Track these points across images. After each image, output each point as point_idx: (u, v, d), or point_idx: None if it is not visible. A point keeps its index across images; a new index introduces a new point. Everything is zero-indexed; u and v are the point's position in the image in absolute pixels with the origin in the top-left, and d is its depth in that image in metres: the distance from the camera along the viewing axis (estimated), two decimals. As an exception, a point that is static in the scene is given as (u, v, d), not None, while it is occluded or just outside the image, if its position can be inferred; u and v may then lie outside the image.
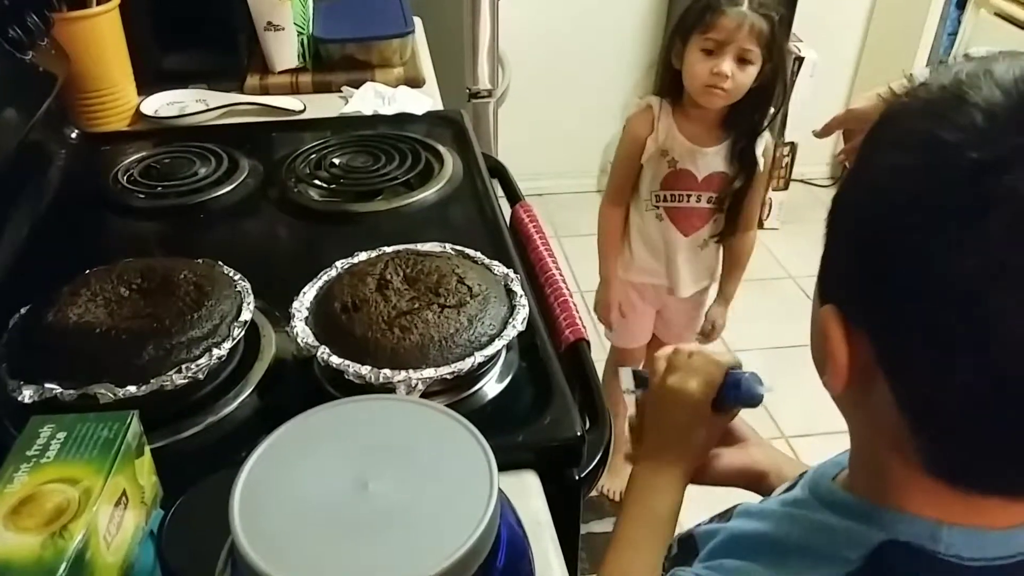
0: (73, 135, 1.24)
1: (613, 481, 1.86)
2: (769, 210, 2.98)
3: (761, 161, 1.48)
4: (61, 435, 0.53)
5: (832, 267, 0.47)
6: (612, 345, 1.83)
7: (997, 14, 2.44)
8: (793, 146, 2.87)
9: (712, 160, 1.46)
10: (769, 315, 2.53)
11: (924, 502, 0.44)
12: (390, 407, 0.41)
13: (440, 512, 0.36)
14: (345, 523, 0.36)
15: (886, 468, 0.45)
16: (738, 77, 1.35)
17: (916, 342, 0.40)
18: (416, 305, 0.78)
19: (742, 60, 1.34)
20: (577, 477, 0.75)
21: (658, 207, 1.52)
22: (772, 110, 1.43)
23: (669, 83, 1.45)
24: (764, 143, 1.47)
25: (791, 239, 2.94)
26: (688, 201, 1.50)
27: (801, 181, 3.16)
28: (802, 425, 2.14)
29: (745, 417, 0.83)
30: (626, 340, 1.74)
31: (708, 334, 1.73)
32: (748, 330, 2.35)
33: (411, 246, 0.89)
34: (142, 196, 1.12)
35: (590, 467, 0.75)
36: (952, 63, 0.41)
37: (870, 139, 0.44)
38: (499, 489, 0.37)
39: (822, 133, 1.19)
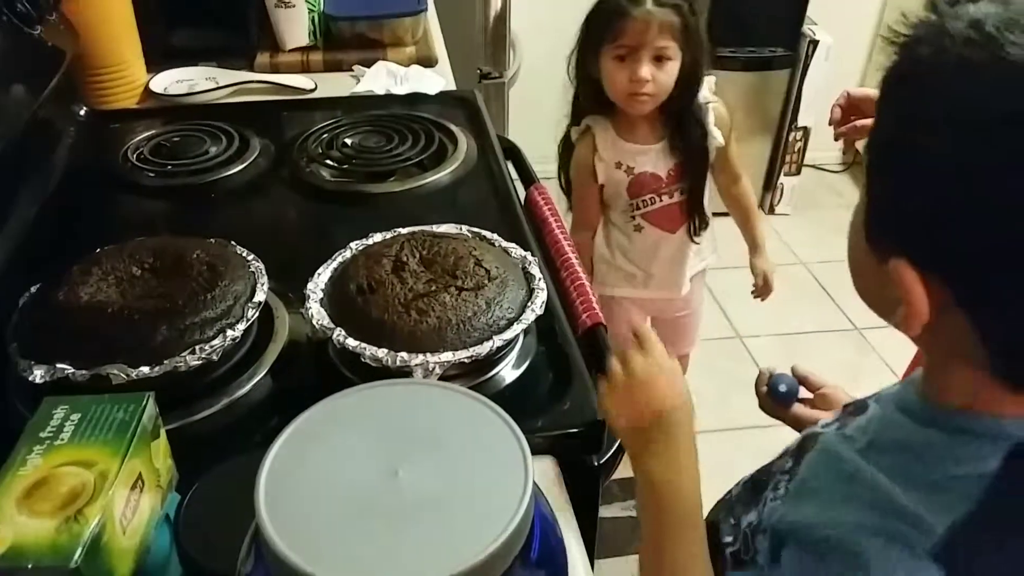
0: (81, 112, 1.22)
1: None
2: (781, 195, 2.95)
3: (716, 132, 1.43)
4: (75, 417, 0.52)
5: (894, 216, 0.48)
6: None
7: None
8: (806, 131, 2.83)
9: (667, 154, 1.42)
10: (779, 300, 2.50)
11: (1014, 408, 0.47)
12: (419, 392, 0.40)
13: (473, 502, 0.35)
14: (375, 512, 0.35)
15: (968, 380, 0.48)
16: (659, 78, 1.29)
17: (1011, 281, 0.42)
18: (433, 287, 0.77)
19: (659, 59, 1.29)
20: (596, 463, 0.73)
21: (634, 217, 1.48)
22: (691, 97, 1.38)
23: (595, 96, 1.39)
24: (713, 113, 1.42)
25: (803, 225, 2.92)
26: (661, 200, 1.45)
27: (813, 167, 3.13)
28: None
29: (753, 400, 0.90)
30: None
31: (762, 288, 1.67)
32: (758, 315, 2.32)
33: (427, 228, 0.87)
34: (152, 175, 1.10)
35: (609, 453, 0.74)
36: (948, 8, 0.45)
37: (913, 101, 0.46)
38: (533, 480, 0.35)
39: (838, 133, 1.15)
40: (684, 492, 0.64)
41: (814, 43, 2.60)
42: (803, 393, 0.86)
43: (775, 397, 0.85)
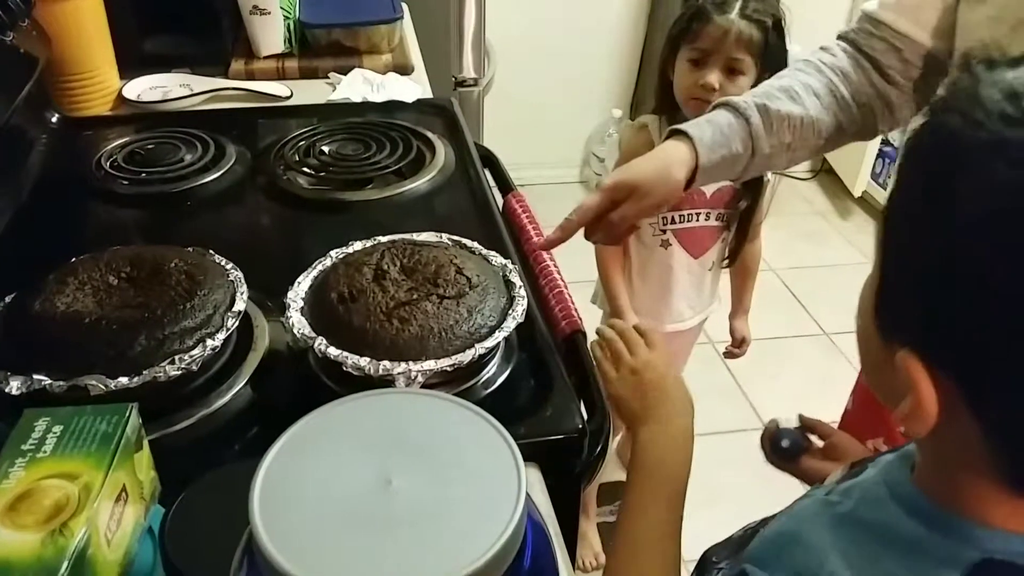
0: (54, 119, 1.20)
1: (584, 549, 1.79)
2: (762, 218, 2.99)
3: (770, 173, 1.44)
4: (57, 428, 0.52)
5: (905, 309, 0.44)
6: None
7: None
8: (775, 139, 2.88)
9: None
10: (751, 307, 2.54)
11: (1009, 516, 0.43)
12: (412, 401, 0.40)
13: (467, 510, 0.35)
14: (369, 521, 0.35)
15: (965, 483, 0.44)
16: (727, 89, 1.27)
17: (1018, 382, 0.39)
18: (415, 296, 0.77)
19: (732, 70, 1.28)
20: (577, 470, 0.74)
21: (665, 231, 1.43)
22: None
23: (663, 97, 1.38)
24: None
25: (773, 232, 2.93)
26: (697, 220, 1.42)
27: (782, 174, 3.17)
28: (783, 415, 2.15)
29: (729, 407, 0.89)
30: None
31: (738, 346, 1.68)
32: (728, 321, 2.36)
33: (407, 236, 0.87)
34: (126, 182, 1.09)
35: (590, 459, 0.75)
36: (984, 72, 0.40)
37: (938, 176, 0.41)
38: (526, 487, 0.36)
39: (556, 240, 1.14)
40: (667, 464, 0.70)
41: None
42: (817, 440, 0.86)
43: (777, 453, 0.84)
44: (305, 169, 1.11)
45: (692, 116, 1.33)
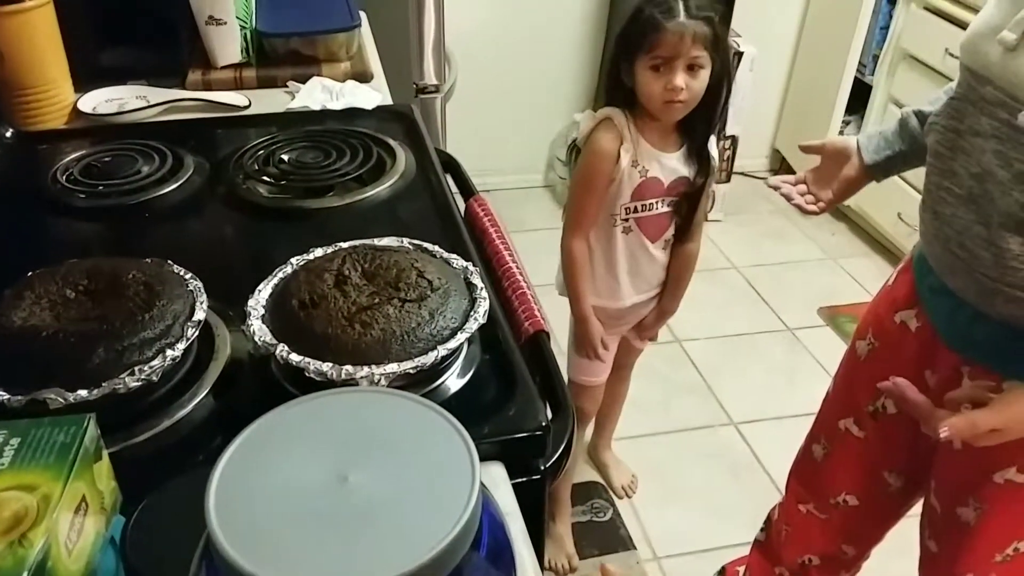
0: (8, 134, 1.19)
1: (557, 552, 1.82)
2: (712, 202, 3.03)
3: (715, 158, 1.49)
4: (15, 441, 0.51)
5: None
6: (571, 383, 1.71)
7: (927, 8, 2.53)
8: (734, 139, 2.92)
9: (676, 164, 1.45)
10: (714, 304, 2.58)
11: None
12: (366, 398, 0.41)
13: (422, 503, 0.36)
14: (325, 517, 0.35)
15: None
16: (692, 86, 1.34)
17: None
18: (376, 300, 0.77)
19: (692, 67, 1.34)
20: (542, 467, 0.75)
21: (627, 219, 1.49)
22: (722, 104, 1.44)
23: (622, 97, 1.42)
24: (712, 139, 1.48)
25: (734, 230, 3.00)
26: (656, 208, 1.48)
27: (742, 174, 3.22)
28: (750, 411, 2.19)
29: (697, 404, 0.88)
30: (594, 374, 1.69)
31: (642, 337, 1.72)
32: (694, 320, 2.39)
33: (368, 241, 0.88)
34: (83, 196, 1.08)
35: (554, 457, 0.76)
36: None
37: None
38: (480, 478, 0.37)
39: (807, 149, 1.28)
40: None
41: (739, 54, 2.69)
42: None
43: None
44: (265, 178, 1.11)
45: (665, 119, 1.39)
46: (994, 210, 0.87)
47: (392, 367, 0.72)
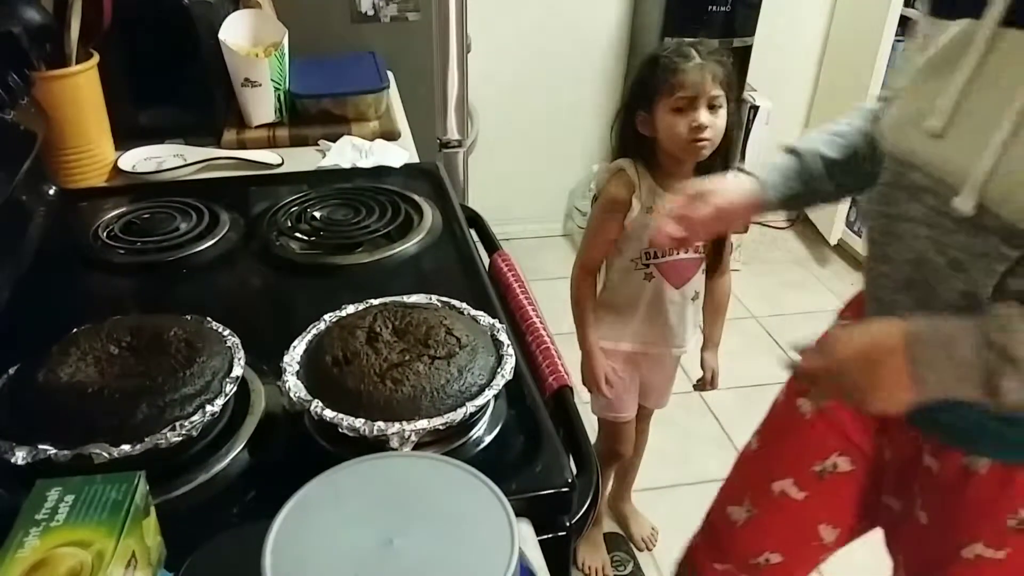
0: (51, 192, 1.24)
1: (593, 555, 1.85)
2: (731, 251, 3.05)
3: None
4: (69, 498, 0.54)
5: None
6: (601, 423, 1.77)
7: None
8: (752, 190, 2.96)
9: None
10: (733, 354, 2.57)
11: None
12: (411, 463, 0.43)
13: (464, 566, 0.38)
14: (373, 578, 0.37)
15: None
16: (715, 124, 1.39)
17: None
18: (407, 357, 0.80)
19: (712, 107, 1.38)
20: (568, 523, 0.76)
21: (648, 266, 1.51)
22: (737, 147, 1.47)
23: (636, 148, 1.46)
24: None
25: (753, 279, 3.02)
26: (678, 254, 1.50)
27: (759, 224, 3.25)
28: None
29: (716, 454, 0.88)
30: (617, 410, 1.72)
31: (709, 381, 1.74)
32: (715, 370, 2.39)
33: (398, 298, 0.91)
34: (123, 252, 1.12)
35: (579, 514, 0.77)
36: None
37: None
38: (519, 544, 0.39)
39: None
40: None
41: (755, 108, 2.74)
42: None
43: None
44: (297, 234, 1.15)
45: (691, 158, 1.42)
46: (933, 297, 0.84)
47: (422, 423, 0.74)
